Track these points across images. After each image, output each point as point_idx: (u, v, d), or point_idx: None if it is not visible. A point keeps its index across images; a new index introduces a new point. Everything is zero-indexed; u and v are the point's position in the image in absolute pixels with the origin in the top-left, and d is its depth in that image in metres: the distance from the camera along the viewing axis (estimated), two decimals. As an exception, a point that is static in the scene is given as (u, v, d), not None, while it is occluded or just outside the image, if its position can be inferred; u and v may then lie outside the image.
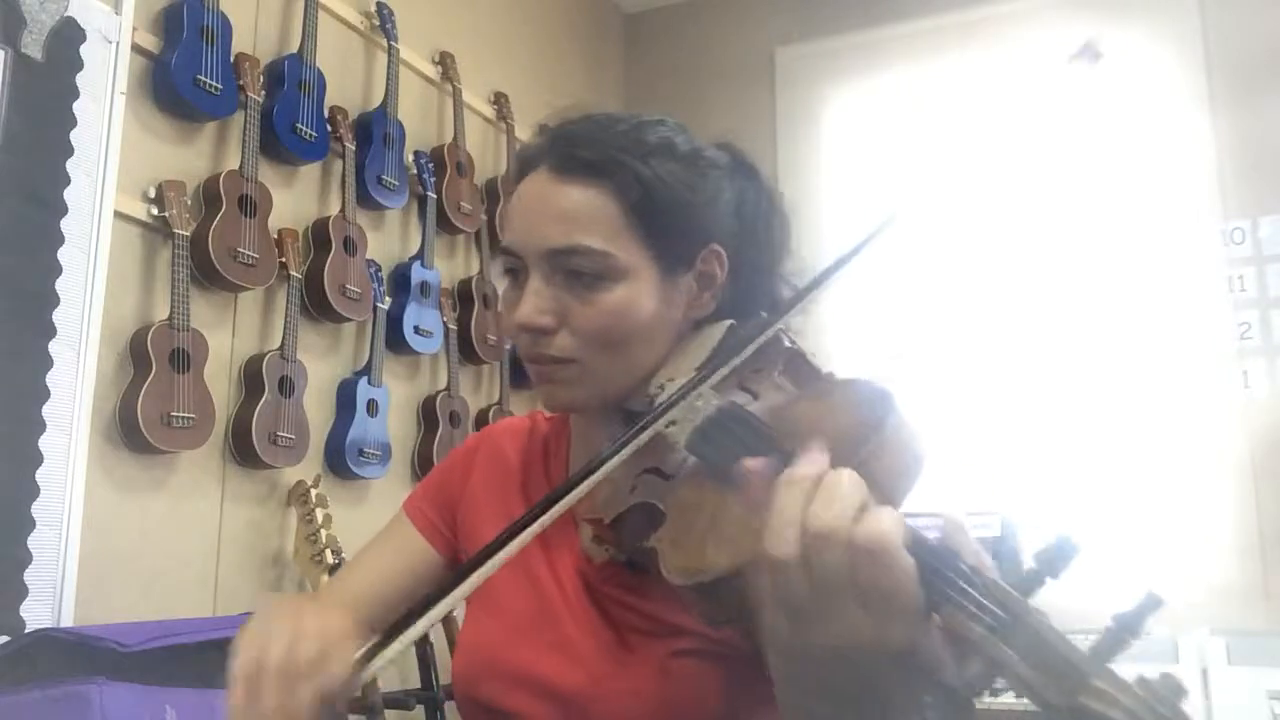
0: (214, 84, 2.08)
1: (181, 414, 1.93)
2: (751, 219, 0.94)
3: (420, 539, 1.04)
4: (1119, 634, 0.52)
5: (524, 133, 3.19)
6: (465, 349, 2.78)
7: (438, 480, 1.08)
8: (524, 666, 0.87)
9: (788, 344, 0.83)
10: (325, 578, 2.13)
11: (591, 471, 0.72)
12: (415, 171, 2.68)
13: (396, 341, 2.54)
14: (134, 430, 1.88)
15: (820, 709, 0.63)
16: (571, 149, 0.87)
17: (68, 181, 1.83)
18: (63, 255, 1.82)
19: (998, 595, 0.53)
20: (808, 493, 0.57)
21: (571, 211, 0.85)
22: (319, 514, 2.18)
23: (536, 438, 1.04)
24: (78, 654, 1.53)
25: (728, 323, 0.89)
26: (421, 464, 2.63)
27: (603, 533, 0.81)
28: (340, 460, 2.36)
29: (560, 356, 0.86)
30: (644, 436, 0.72)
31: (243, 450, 2.11)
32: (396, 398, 2.58)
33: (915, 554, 0.55)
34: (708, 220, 0.90)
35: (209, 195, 2.08)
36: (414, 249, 2.69)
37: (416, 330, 2.59)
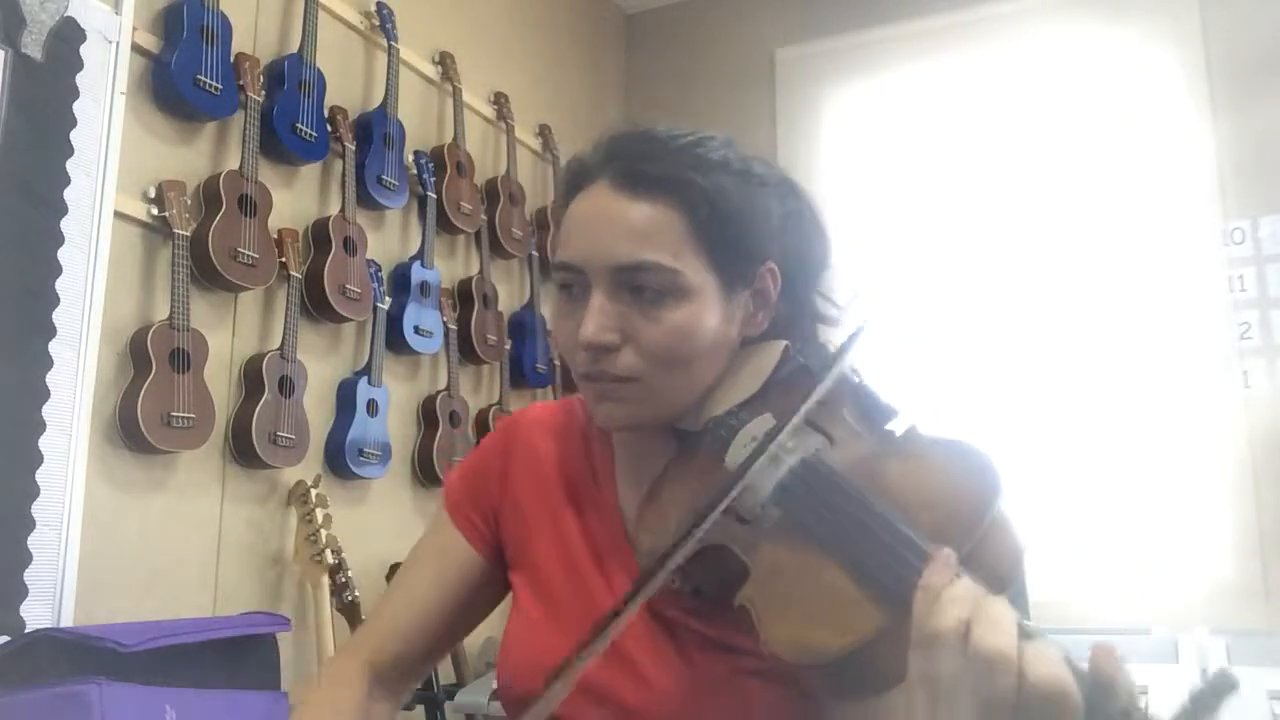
0: (214, 84, 2.08)
1: (181, 414, 1.93)
2: (797, 236, 0.94)
3: (466, 546, 1.02)
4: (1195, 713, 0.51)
5: (524, 133, 3.19)
6: (465, 349, 2.78)
7: (475, 479, 1.04)
8: (590, 677, 0.85)
9: (854, 379, 0.82)
10: (325, 578, 2.14)
11: (695, 527, 0.68)
12: (415, 171, 2.68)
13: (396, 341, 2.54)
14: (134, 430, 1.88)
15: None
16: (635, 164, 0.86)
17: (68, 181, 1.83)
18: (63, 255, 1.81)
19: None
20: (964, 612, 0.57)
21: (640, 227, 0.84)
22: (319, 514, 2.18)
23: (574, 434, 1.01)
24: (78, 654, 1.53)
25: (782, 344, 0.88)
26: (421, 464, 2.63)
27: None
28: (340, 460, 2.36)
29: (623, 375, 0.84)
30: (738, 489, 0.70)
31: (243, 450, 2.11)
32: (396, 398, 2.58)
33: (1079, 691, 0.54)
34: (764, 237, 0.89)
35: (209, 195, 2.08)
36: (414, 249, 2.69)
37: (416, 330, 2.59)
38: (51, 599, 1.75)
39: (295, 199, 2.36)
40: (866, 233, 3.30)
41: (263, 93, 2.19)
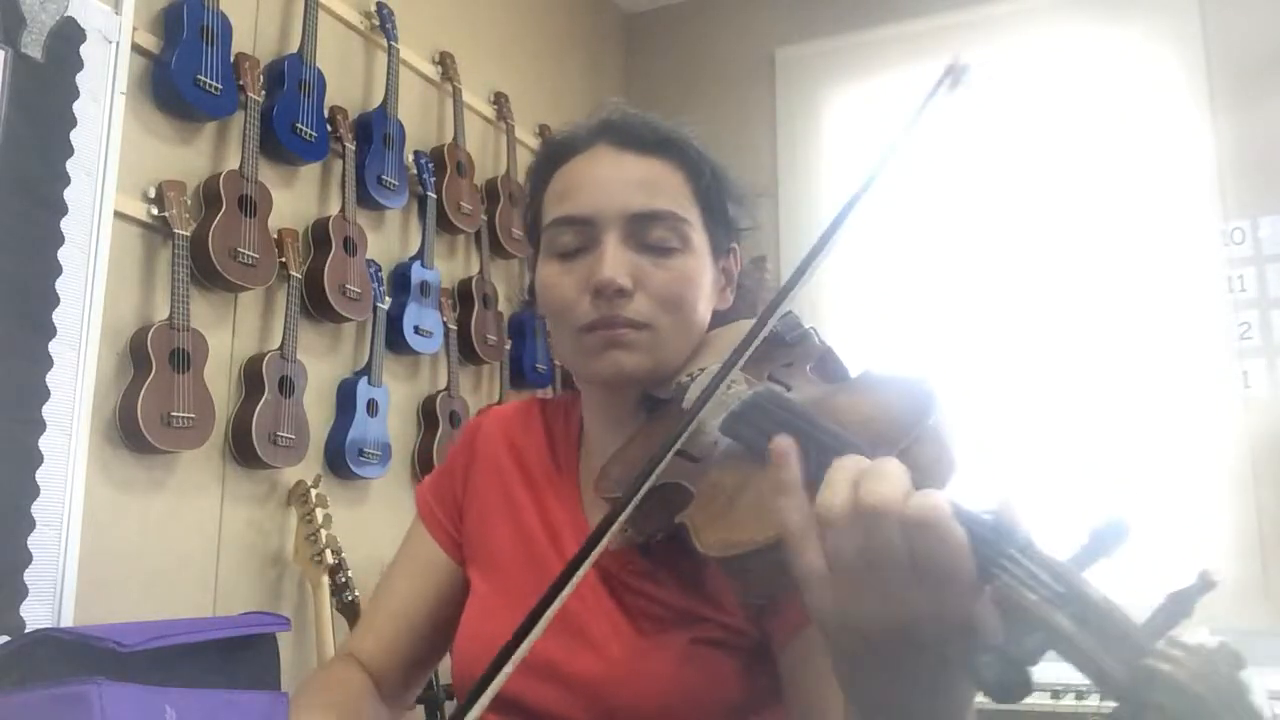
0: (214, 84, 2.08)
1: (181, 414, 1.93)
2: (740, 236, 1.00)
3: (437, 550, 1.03)
4: (1172, 610, 0.51)
5: (524, 133, 3.19)
6: (465, 349, 2.78)
7: (443, 480, 1.07)
8: (538, 653, 0.87)
9: (818, 342, 0.84)
10: (325, 578, 2.14)
11: (650, 471, 0.71)
12: (415, 171, 2.68)
13: (396, 341, 2.54)
14: (134, 430, 1.88)
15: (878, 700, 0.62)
16: (635, 129, 0.91)
17: (68, 181, 1.83)
18: (63, 255, 1.81)
19: (1052, 567, 0.52)
20: (857, 472, 0.57)
21: (651, 179, 0.88)
22: (319, 514, 2.18)
23: (534, 426, 1.03)
24: (78, 654, 1.53)
25: (753, 321, 0.90)
26: (421, 464, 2.63)
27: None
28: (340, 460, 2.36)
29: (637, 320, 0.86)
30: (691, 426, 0.72)
31: (243, 450, 2.11)
32: (396, 398, 2.58)
33: (967, 526, 0.54)
34: (737, 219, 0.95)
35: (209, 195, 2.08)
36: (414, 249, 2.69)
37: (416, 330, 2.59)
38: (51, 599, 1.75)
39: (295, 199, 2.36)
40: (867, 233, 3.30)
41: (263, 93, 2.19)
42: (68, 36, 1.85)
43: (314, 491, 2.20)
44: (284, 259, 2.21)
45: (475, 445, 1.04)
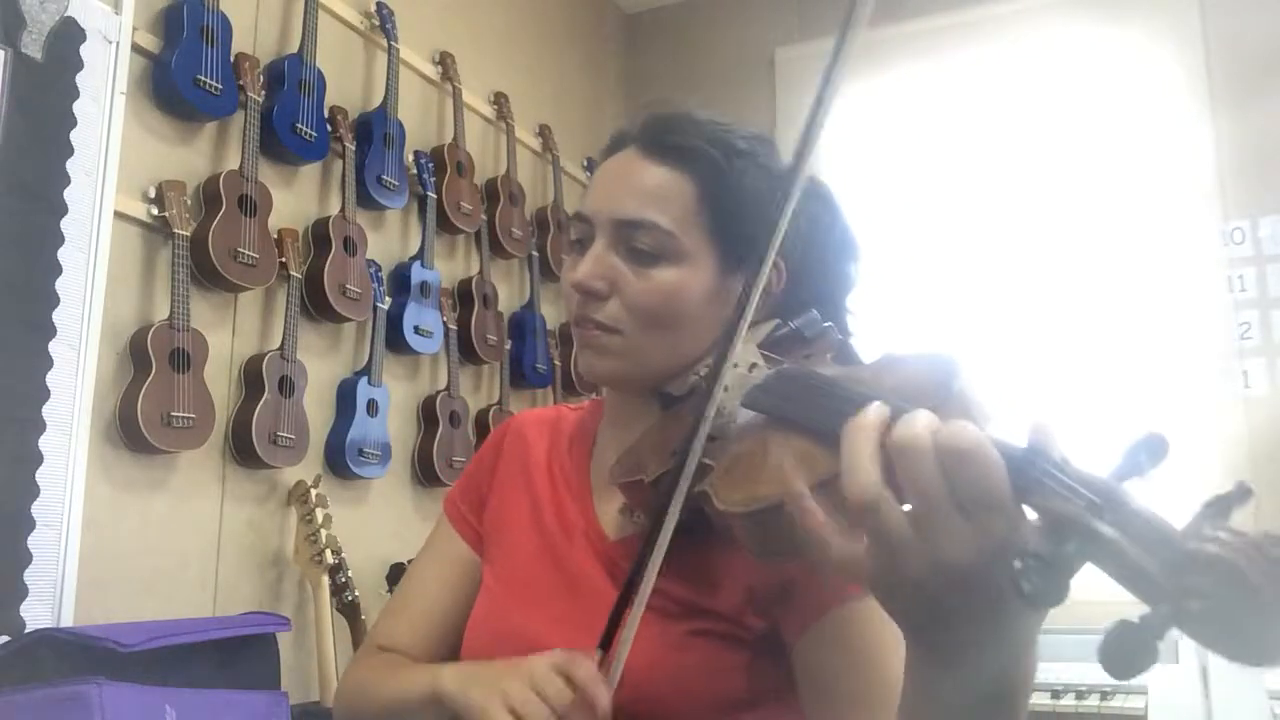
0: (214, 84, 2.08)
1: (181, 414, 1.93)
2: (820, 244, 0.98)
3: (463, 546, 1.05)
4: (1209, 515, 0.51)
5: (524, 133, 3.19)
6: (465, 349, 2.78)
7: (470, 477, 1.09)
8: (537, 638, 0.87)
9: (836, 337, 0.86)
10: (325, 578, 2.14)
11: (687, 455, 0.72)
12: (415, 171, 2.68)
13: (396, 341, 2.54)
14: (134, 430, 1.88)
15: (945, 676, 0.60)
16: (662, 132, 0.91)
17: (68, 181, 1.83)
18: (63, 255, 1.81)
19: (1090, 481, 0.52)
20: (881, 424, 0.56)
21: (648, 188, 0.89)
22: (319, 514, 2.18)
23: (562, 426, 1.05)
24: (78, 654, 1.53)
25: (774, 321, 0.90)
26: (421, 464, 2.63)
27: (639, 496, 0.81)
28: (340, 460, 2.36)
29: (605, 323, 0.89)
30: (711, 410, 0.73)
31: (243, 450, 2.11)
32: (396, 398, 2.58)
33: (1002, 450, 0.54)
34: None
35: (209, 195, 2.08)
36: (414, 249, 2.69)
37: (416, 330, 2.59)
38: (51, 599, 1.75)
39: (295, 199, 2.36)
40: (867, 232, 3.30)
41: (263, 93, 2.19)
42: (68, 36, 1.85)
43: (314, 491, 2.20)
44: (284, 259, 2.21)
45: (504, 443, 1.07)
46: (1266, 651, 0.46)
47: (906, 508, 0.55)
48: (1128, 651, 0.47)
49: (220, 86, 2.09)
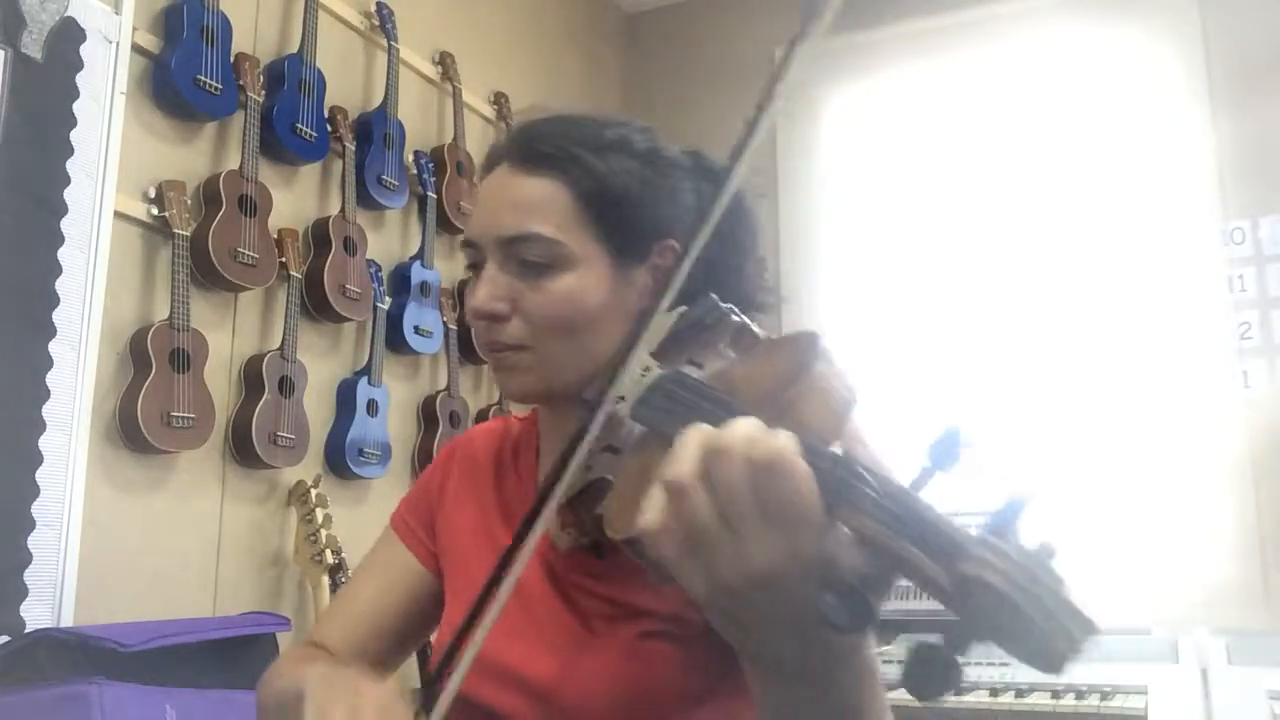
0: (214, 84, 2.08)
1: (181, 414, 1.93)
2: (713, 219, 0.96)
3: (409, 555, 1.05)
4: (993, 527, 0.53)
5: (524, 133, 3.19)
6: (465, 349, 2.78)
7: (418, 492, 1.09)
8: (496, 654, 0.87)
9: (735, 319, 0.85)
10: (325, 578, 2.14)
11: (566, 462, 0.73)
12: (415, 171, 2.68)
13: (396, 341, 2.54)
14: (134, 430, 1.88)
15: (772, 671, 0.63)
16: (530, 143, 0.90)
17: (68, 181, 1.83)
18: (63, 255, 1.82)
19: (889, 490, 0.55)
20: (703, 434, 0.59)
21: (525, 201, 0.88)
22: (319, 514, 2.18)
23: (509, 437, 1.06)
24: (78, 654, 1.54)
25: (679, 310, 0.89)
26: (421, 464, 2.63)
27: (564, 515, 0.82)
28: (340, 460, 2.36)
29: (513, 343, 0.89)
30: (600, 417, 0.74)
31: (243, 450, 2.11)
32: (396, 398, 2.58)
33: (810, 462, 0.56)
34: (662, 215, 0.92)
35: (209, 195, 2.08)
36: (414, 249, 2.69)
37: (416, 330, 2.59)
38: (51, 599, 1.75)
39: (295, 199, 2.36)
40: (867, 232, 3.30)
41: (263, 93, 2.19)
42: (68, 36, 1.85)
43: (314, 491, 2.20)
44: (284, 259, 2.21)
45: (452, 462, 1.07)
46: (1054, 661, 0.49)
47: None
48: (932, 672, 0.50)
49: (220, 86, 2.09)
